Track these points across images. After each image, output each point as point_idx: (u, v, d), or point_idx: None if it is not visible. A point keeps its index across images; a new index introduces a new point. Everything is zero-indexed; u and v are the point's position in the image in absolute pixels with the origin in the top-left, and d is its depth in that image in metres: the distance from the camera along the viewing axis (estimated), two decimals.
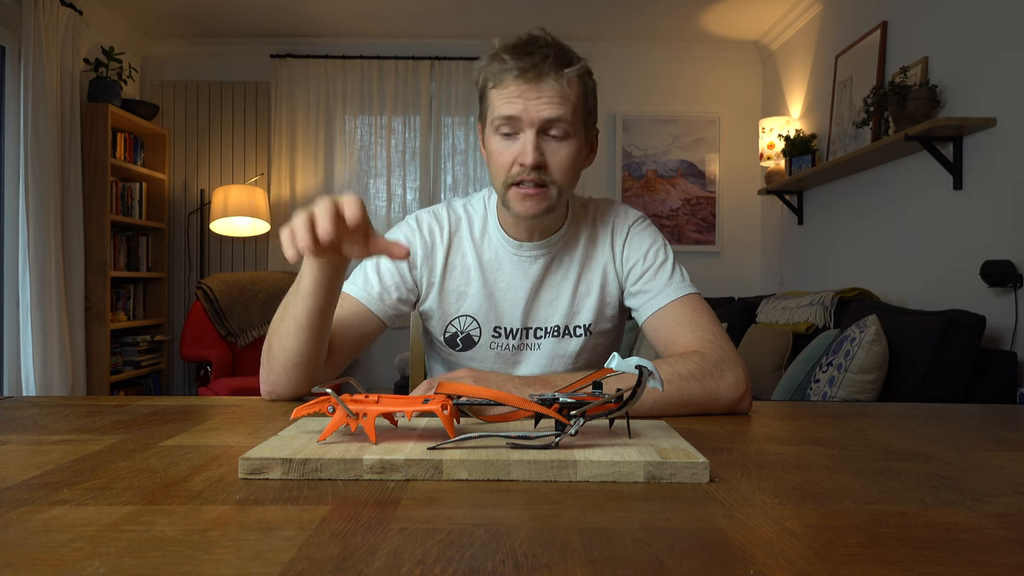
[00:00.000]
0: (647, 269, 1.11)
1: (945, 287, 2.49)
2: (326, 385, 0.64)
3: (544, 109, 0.98)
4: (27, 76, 3.19)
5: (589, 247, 1.15)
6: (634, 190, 4.35)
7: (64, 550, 0.41)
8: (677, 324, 1.04)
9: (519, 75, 0.97)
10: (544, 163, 1.00)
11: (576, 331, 1.14)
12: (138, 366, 3.89)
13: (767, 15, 3.90)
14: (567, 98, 0.99)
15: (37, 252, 3.22)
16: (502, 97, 0.99)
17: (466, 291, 1.13)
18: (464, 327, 1.14)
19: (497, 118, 1.00)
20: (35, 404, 0.93)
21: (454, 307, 1.14)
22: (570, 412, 0.63)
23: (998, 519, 0.49)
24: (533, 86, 0.97)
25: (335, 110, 4.28)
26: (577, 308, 1.14)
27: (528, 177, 1.00)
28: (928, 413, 0.93)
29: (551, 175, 1.01)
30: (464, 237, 1.14)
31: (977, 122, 2.28)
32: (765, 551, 0.42)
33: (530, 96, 0.98)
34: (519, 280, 1.13)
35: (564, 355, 1.14)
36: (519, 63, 0.97)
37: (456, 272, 1.14)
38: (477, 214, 1.16)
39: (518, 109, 0.98)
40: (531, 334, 1.14)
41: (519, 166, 1.00)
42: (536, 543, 0.43)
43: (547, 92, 0.97)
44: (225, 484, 0.55)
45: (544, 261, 1.13)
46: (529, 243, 1.12)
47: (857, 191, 3.15)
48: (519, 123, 0.99)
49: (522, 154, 0.99)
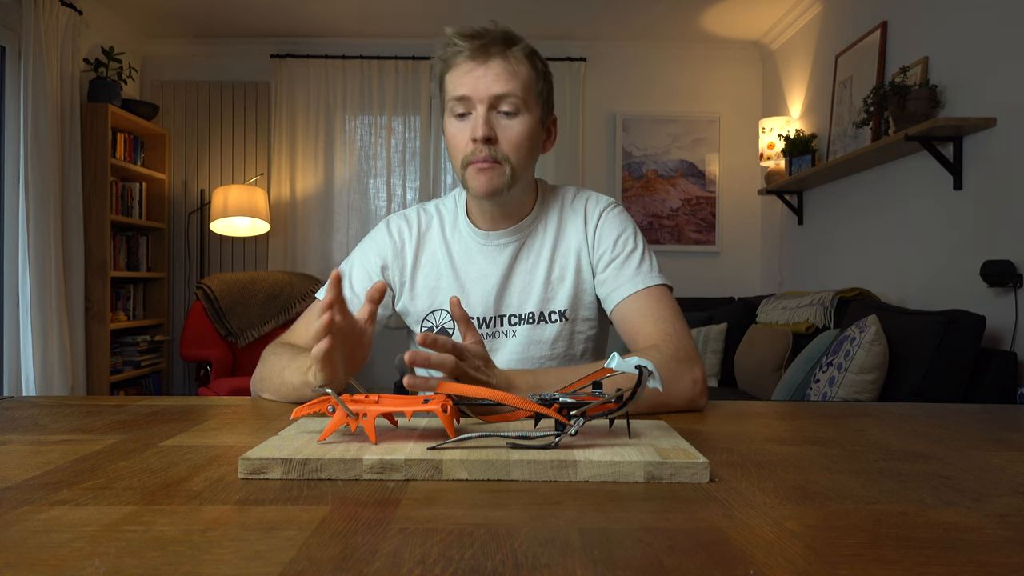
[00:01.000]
0: (615, 257, 1.12)
1: (945, 287, 2.49)
2: (326, 385, 0.64)
3: (492, 85, 1.02)
4: (27, 76, 3.19)
5: (560, 232, 1.16)
6: (634, 190, 4.35)
7: (64, 550, 0.41)
8: (640, 315, 1.05)
9: (469, 55, 1.02)
10: (495, 137, 1.03)
11: (551, 316, 1.14)
12: (138, 366, 3.89)
13: (767, 15, 3.90)
14: (515, 74, 1.03)
15: (37, 252, 3.22)
16: (454, 78, 1.04)
17: (438, 285, 1.15)
18: (439, 321, 1.15)
19: (450, 99, 1.05)
20: (35, 404, 0.93)
21: (427, 303, 1.15)
22: (570, 412, 0.63)
23: (998, 519, 0.49)
24: (481, 63, 1.02)
25: (335, 110, 4.28)
26: (551, 294, 1.14)
27: (480, 154, 1.03)
28: (928, 413, 0.92)
29: (502, 151, 1.04)
30: (435, 235, 1.17)
31: (977, 122, 2.28)
32: (765, 551, 0.42)
33: (478, 74, 1.02)
34: (489, 269, 1.14)
35: (540, 341, 1.14)
36: (468, 44, 1.02)
37: (426, 269, 1.16)
38: (448, 210, 1.20)
39: (468, 88, 1.02)
40: (504, 321, 1.14)
41: (472, 142, 1.03)
42: (536, 543, 0.43)
43: (495, 69, 1.02)
44: (225, 484, 0.55)
45: (513, 248, 1.14)
46: (496, 232, 1.14)
47: (857, 191, 3.15)
48: (470, 102, 1.03)
49: (473, 128, 1.03)
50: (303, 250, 4.27)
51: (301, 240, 4.27)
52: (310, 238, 4.28)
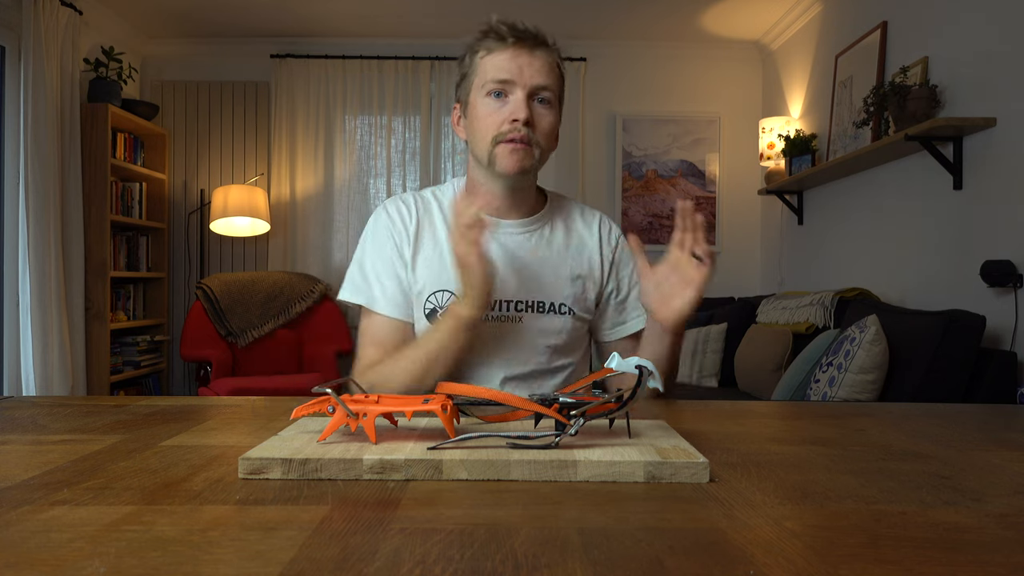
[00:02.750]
0: (631, 290, 1.22)
1: (945, 287, 2.49)
2: (326, 385, 0.64)
3: (536, 76, 1.07)
4: (27, 76, 3.19)
5: (572, 234, 1.21)
6: (634, 190, 4.35)
7: (64, 550, 0.41)
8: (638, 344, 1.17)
9: (516, 43, 1.07)
10: (533, 123, 1.07)
11: (561, 308, 1.16)
12: (138, 366, 3.89)
13: (767, 15, 3.90)
14: (554, 70, 1.10)
15: (37, 252, 3.22)
16: (496, 61, 1.07)
17: (441, 265, 1.14)
18: (443, 302, 1.13)
19: (490, 81, 1.07)
20: (35, 404, 0.93)
21: (430, 283, 1.14)
22: (570, 412, 0.63)
23: (998, 519, 0.49)
24: (528, 52, 1.07)
25: (335, 110, 4.28)
26: (561, 288, 1.16)
27: (519, 134, 1.06)
28: (928, 413, 0.92)
29: (537, 137, 1.08)
30: (435, 216, 1.18)
31: (977, 122, 2.28)
32: (765, 551, 0.42)
33: (524, 62, 1.06)
34: (496, 253, 1.14)
35: (548, 331, 1.14)
36: (516, 33, 1.07)
37: (427, 249, 1.16)
38: (447, 197, 1.21)
39: (513, 72, 1.06)
40: (511, 307, 1.14)
41: (511, 123, 1.06)
42: (536, 543, 0.43)
43: (539, 60, 1.07)
44: (225, 484, 0.55)
45: (521, 239, 1.17)
46: (506, 221, 1.16)
47: (857, 191, 3.15)
48: (512, 85, 1.06)
49: (515, 111, 1.06)
50: (303, 250, 4.27)
51: (301, 240, 4.27)
52: (310, 238, 4.28)
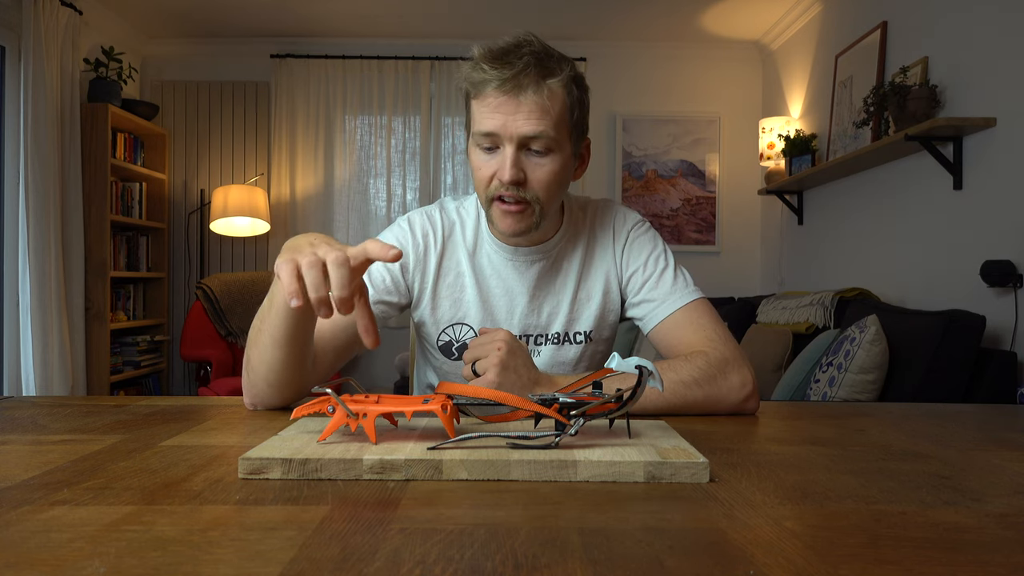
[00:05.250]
0: (648, 278, 1.08)
1: (945, 287, 2.49)
2: (326, 385, 0.64)
3: (523, 125, 0.93)
4: (27, 76, 3.19)
5: (589, 253, 1.12)
6: (634, 190, 4.35)
7: (64, 550, 0.41)
8: (680, 330, 1.03)
9: (498, 87, 0.92)
10: (524, 179, 0.96)
11: (576, 338, 1.11)
12: (138, 366, 3.89)
13: (767, 15, 3.89)
14: (548, 112, 0.93)
15: (37, 252, 3.22)
16: (482, 110, 0.95)
17: (461, 297, 1.09)
18: (460, 336, 1.09)
19: (476, 133, 0.97)
20: (35, 404, 0.93)
21: (448, 314, 1.10)
22: (570, 412, 0.63)
23: (998, 519, 0.49)
24: (512, 99, 0.93)
25: (335, 110, 4.27)
26: (577, 315, 1.11)
27: (507, 193, 0.96)
28: (928, 413, 0.93)
29: (532, 192, 0.97)
30: (458, 242, 1.10)
31: (977, 122, 2.28)
32: (765, 551, 0.42)
33: (508, 111, 0.93)
34: (516, 287, 1.10)
35: (564, 362, 1.12)
36: (498, 73, 0.92)
37: (450, 278, 1.10)
38: (470, 217, 1.12)
39: (496, 124, 0.94)
40: (530, 341, 1.11)
41: (498, 181, 0.96)
42: (536, 543, 0.43)
43: (526, 106, 0.92)
44: (225, 484, 0.55)
45: (541, 266, 1.10)
46: (524, 248, 1.08)
47: (857, 191, 3.15)
48: (498, 138, 0.95)
49: (500, 170, 0.95)
50: None
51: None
52: None
